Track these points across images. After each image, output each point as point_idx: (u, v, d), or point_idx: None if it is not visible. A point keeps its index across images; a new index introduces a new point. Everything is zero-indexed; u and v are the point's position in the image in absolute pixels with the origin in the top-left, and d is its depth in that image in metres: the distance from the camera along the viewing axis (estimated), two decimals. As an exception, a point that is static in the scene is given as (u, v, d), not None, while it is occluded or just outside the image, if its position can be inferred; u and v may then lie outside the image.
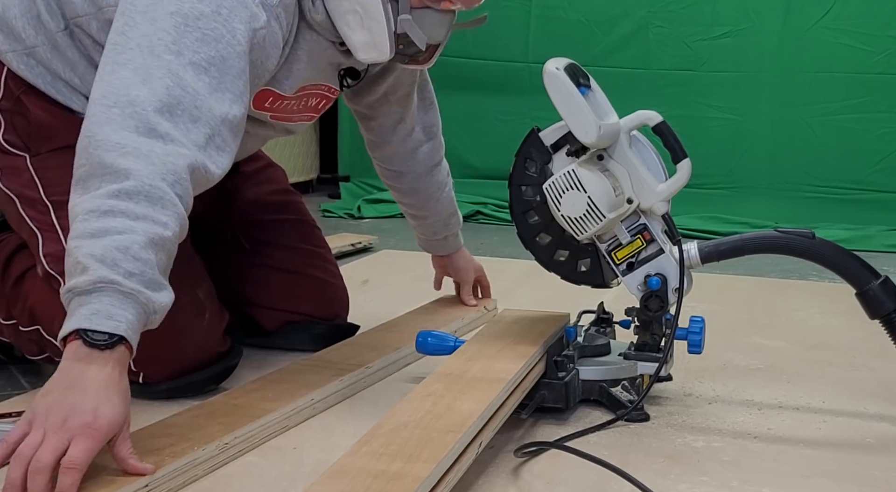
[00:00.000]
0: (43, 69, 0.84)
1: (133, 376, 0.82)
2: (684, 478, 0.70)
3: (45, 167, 0.83)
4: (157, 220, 0.64)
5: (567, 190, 0.81)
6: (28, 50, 0.83)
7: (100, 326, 0.59)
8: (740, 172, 2.20)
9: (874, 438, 0.80)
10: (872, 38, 2.08)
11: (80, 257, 0.61)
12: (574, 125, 0.81)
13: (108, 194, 0.63)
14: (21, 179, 0.83)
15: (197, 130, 0.69)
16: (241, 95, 0.73)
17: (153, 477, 0.61)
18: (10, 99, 0.84)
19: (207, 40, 0.70)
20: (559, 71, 0.80)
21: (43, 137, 0.83)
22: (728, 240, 0.85)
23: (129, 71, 0.68)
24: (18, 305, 0.89)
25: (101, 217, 0.62)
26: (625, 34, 2.23)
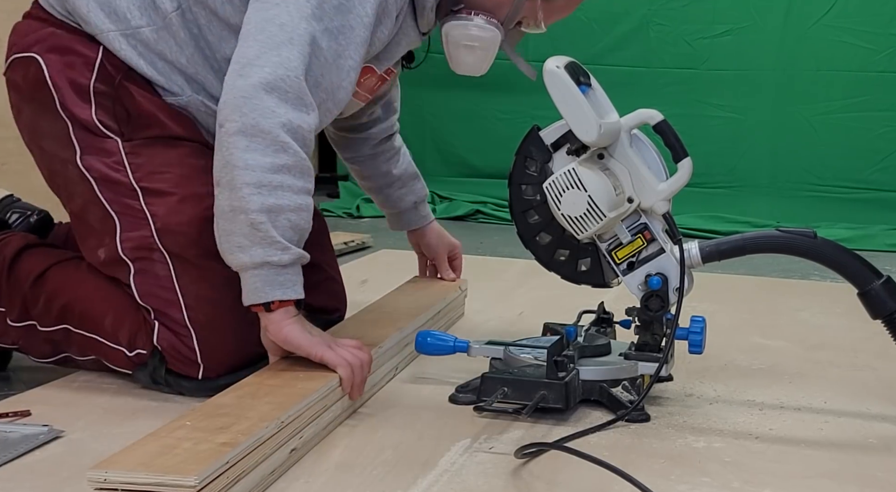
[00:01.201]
0: (145, 50, 0.84)
1: (192, 369, 0.83)
2: (685, 479, 0.69)
3: (138, 153, 0.84)
4: (307, 190, 0.78)
5: (567, 189, 0.81)
6: (132, 30, 0.83)
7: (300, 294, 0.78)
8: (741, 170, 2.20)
9: (876, 438, 0.79)
10: (874, 36, 2.07)
11: (274, 233, 0.76)
12: (574, 124, 0.80)
13: (273, 168, 0.75)
14: (108, 160, 0.83)
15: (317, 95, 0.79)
16: (358, 66, 0.81)
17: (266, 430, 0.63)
18: (108, 82, 0.84)
19: (342, 9, 0.78)
20: (559, 69, 0.80)
21: (140, 124, 0.85)
22: (729, 239, 0.84)
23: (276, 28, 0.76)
24: (40, 304, 0.88)
25: (273, 192, 0.75)
26: (625, 32, 2.22)
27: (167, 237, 0.83)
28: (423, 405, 0.85)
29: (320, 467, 0.70)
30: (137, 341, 0.84)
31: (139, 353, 0.84)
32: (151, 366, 0.84)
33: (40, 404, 0.82)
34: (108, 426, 0.78)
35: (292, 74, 0.75)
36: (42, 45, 0.85)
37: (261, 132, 0.74)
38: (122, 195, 0.84)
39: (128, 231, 0.84)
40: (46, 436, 0.74)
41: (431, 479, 0.68)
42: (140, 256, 0.83)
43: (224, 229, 0.77)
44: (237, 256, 0.77)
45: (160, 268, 0.83)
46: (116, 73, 0.84)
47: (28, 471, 0.69)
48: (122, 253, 0.83)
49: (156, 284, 0.83)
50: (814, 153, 2.14)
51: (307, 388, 0.74)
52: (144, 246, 0.83)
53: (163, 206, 0.83)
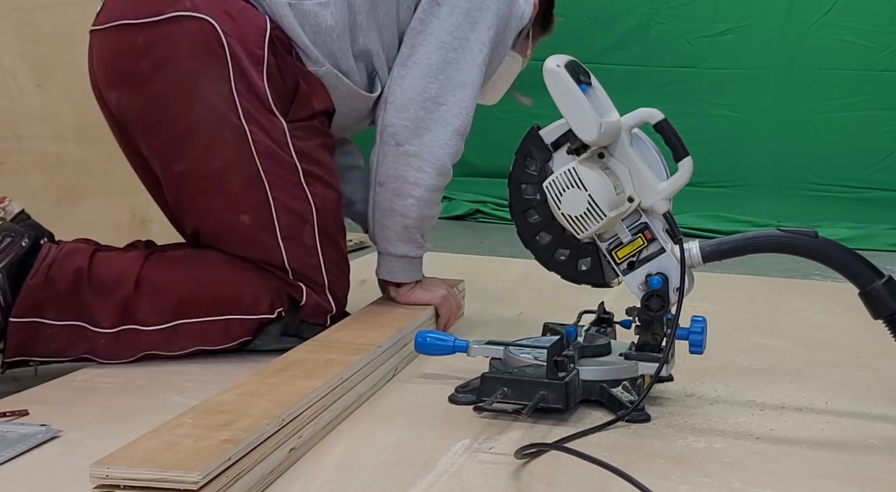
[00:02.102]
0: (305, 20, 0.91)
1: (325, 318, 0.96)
2: (686, 479, 0.69)
3: (297, 136, 0.92)
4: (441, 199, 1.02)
5: (567, 188, 0.81)
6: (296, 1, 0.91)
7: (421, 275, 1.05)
8: (742, 170, 2.19)
9: (877, 439, 0.79)
10: (875, 34, 2.07)
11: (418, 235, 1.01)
12: (574, 123, 0.80)
13: (436, 188, 0.99)
14: (273, 138, 0.90)
15: None
16: None
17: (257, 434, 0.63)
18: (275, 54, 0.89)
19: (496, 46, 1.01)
20: (560, 68, 0.80)
21: (300, 103, 0.93)
22: (730, 239, 0.84)
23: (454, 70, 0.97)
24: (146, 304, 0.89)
25: (429, 205, 0.99)
26: (626, 31, 2.22)
27: (323, 217, 0.94)
28: (423, 405, 0.85)
29: (319, 467, 0.70)
30: (277, 304, 0.93)
31: (279, 312, 0.93)
32: (288, 319, 0.94)
33: (38, 403, 0.81)
34: (107, 426, 0.78)
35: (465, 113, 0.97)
36: (213, 8, 0.87)
37: (435, 159, 0.96)
38: (283, 169, 0.90)
39: (285, 201, 0.91)
40: (44, 435, 0.74)
41: (431, 479, 0.68)
42: (294, 225, 0.92)
43: (379, 222, 0.99)
44: (383, 244, 1.00)
45: (308, 238, 0.93)
46: (283, 46, 0.90)
47: (26, 471, 0.68)
48: (276, 220, 0.91)
49: (303, 250, 0.93)
50: (815, 152, 2.14)
51: (307, 386, 0.74)
52: (300, 218, 0.92)
53: (320, 188, 0.94)
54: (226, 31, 0.87)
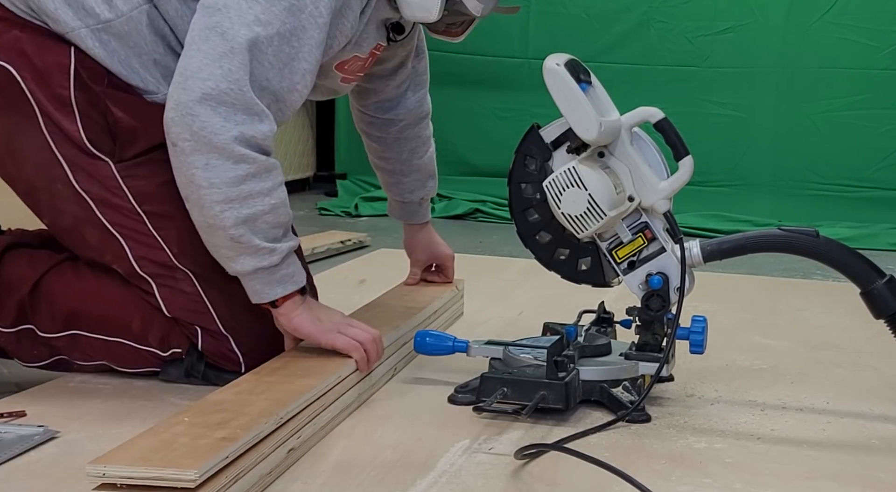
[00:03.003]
0: (118, 46, 0.80)
1: (235, 366, 0.85)
2: (686, 480, 0.69)
3: (133, 176, 0.81)
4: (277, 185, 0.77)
5: (567, 187, 0.80)
6: (102, 25, 0.79)
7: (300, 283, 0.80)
8: (743, 169, 2.19)
9: (879, 439, 0.79)
10: (877, 33, 2.06)
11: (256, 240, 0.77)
12: (574, 122, 0.80)
13: (237, 180, 0.75)
14: (104, 184, 0.81)
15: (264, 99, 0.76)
16: (314, 68, 0.79)
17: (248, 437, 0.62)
18: (86, 90, 0.79)
19: (293, 10, 0.75)
20: (559, 67, 0.79)
21: (126, 139, 0.81)
22: (730, 238, 0.84)
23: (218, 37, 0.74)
24: (41, 310, 0.85)
25: (244, 202, 0.75)
26: (626, 30, 2.22)
27: (186, 259, 0.83)
28: (422, 406, 0.84)
29: (319, 467, 0.70)
30: (171, 342, 0.85)
31: (174, 352, 0.85)
32: (188, 363, 0.86)
33: (36, 404, 0.81)
34: (104, 427, 0.77)
35: (235, 87, 0.73)
36: (8, 51, 0.79)
37: (215, 149, 0.73)
38: (125, 219, 0.81)
39: (141, 253, 0.82)
40: (42, 437, 0.73)
41: (430, 480, 0.68)
42: (161, 273, 0.83)
43: (209, 242, 0.79)
44: (229, 266, 0.79)
45: (185, 285, 0.83)
46: (92, 79, 0.80)
47: (23, 472, 0.68)
48: (140, 272, 0.83)
49: (184, 299, 0.83)
50: (816, 151, 2.13)
51: (305, 385, 0.73)
52: (165, 266, 0.83)
53: (174, 229, 0.82)
54: (21, 74, 0.77)
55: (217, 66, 0.73)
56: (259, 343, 0.85)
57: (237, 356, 0.85)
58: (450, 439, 0.76)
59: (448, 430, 0.78)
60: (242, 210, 0.75)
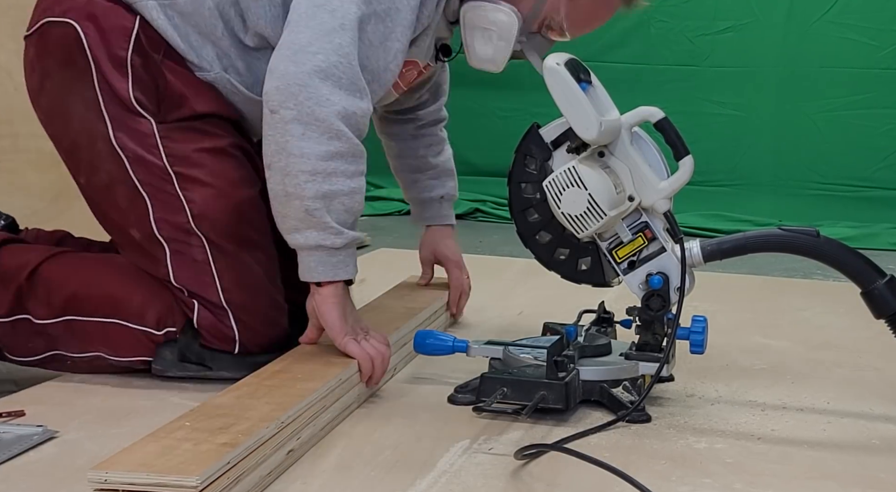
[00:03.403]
0: (181, 21, 0.84)
1: (229, 345, 0.85)
2: (687, 480, 0.69)
3: (171, 137, 0.84)
4: (360, 173, 0.80)
5: (567, 187, 0.80)
6: (169, 0, 0.83)
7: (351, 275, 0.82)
8: (743, 168, 2.18)
9: (879, 439, 0.79)
10: (878, 32, 2.06)
11: (328, 218, 0.78)
12: (575, 121, 0.80)
13: (328, 156, 0.77)
14: (142, 141, 0.83)
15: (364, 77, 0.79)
16: (404, 48, 0.82)
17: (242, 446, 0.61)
18: (144, 55, 0.83)
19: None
20: (559, 66, 0.79)
21: (173, 104, 0.84)
22: (731, 238, 0.84)
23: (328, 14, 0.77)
24: (39, 295, 0.86)
25: (328, 178, 0.77)
26: (626, 29, 2.21)
27: (205, 224, 0.84)
28: (422, 406, 0.84)
29: (318, 468, 0.70)
30: (167, 320, 0.85)
31: (169, 331, 0.85)
32: (183, 342, 0.85)
33: (35, 404, 0.81)
34: (104, 427, 0.77)
35: (345, 61, 0.77)
36: (78, 11, 0.83)
37: (316, 120, 0.76)
38: (155, 177, 0.83)
39: (162, 213, 0.84)
40: (41, 436, 0.73)
41: (430, 480, 0.68)
42: (177, 238, 0.84)
43: (279, 212, 0.80)
44: (293, 236, 0.80)
45: (197, 252, 0.84)
46: (151, 46, 0.83)
47: (22, 472, 0.68)
48: (157, 234, 0.84)
49: (193, 266, 0.84)
50: (817, 151, 2.13)
51: (306, 389, 0.73)
52: (181, 229, 0.84)
53: (199, 194, 0.84)
54: (87, 33, 0.82)
55: (327, 41, 0.76)
56: (257, 323, 0.85)
57: (233, 333, 0.85)
58: (450, 439, 0.75)
59: (448, 430, 0.78)
60: (324, 185, 0.77)
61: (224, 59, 0.86)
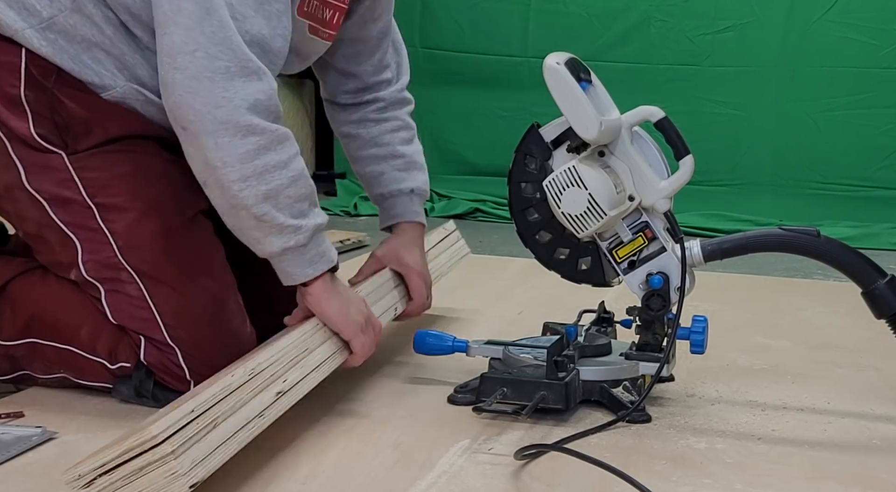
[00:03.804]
0: (67, 42, 0.77)
1: (182, 385, 0.79)
2: (687, 480, 0.69)
3: (87, 167, 0.78)
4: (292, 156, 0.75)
5: (567, 187, 0.80)
6: (46, 22, 0.76)
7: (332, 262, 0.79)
8: (744, 168, 2.18)
9: (880, 439, 0.78)
10: (879, 32, 2.05)
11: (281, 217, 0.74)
12: (575, 121, 0.79)
13: (250, 156, 0.72)
14: (56, 177, 0.78)
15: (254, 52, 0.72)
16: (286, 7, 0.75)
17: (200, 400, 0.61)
18: (38, 88, 0.77)
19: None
20: (559, 65, 0.79)
21: (80, 132, 0.78)
22: (731, 238, 0.83)
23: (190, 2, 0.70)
24: (5, 315, 0.83)
25: (261, 177, 0.73)
26: (626, 28, 2.21)
27: (132, 255, 0.78)
28: (422, 406, 0.84)
29: (318, 468, 0.70)
30: (119, 354, 0.81)
31: (122, 366, 0.81)
32: (137, 379, 0.80)
33: (34, 405, 0.81)
34: (103, 428, 0.77)
35: (225, 47, 0.70)
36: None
37: (222, 124, 0.70)
38: (77, 215, 0.78)
39: (89, 253, 0.78)
40: (40, 437, 0.73)
41: (430, 480, 0.68)
42: (107, 276, 0.78)
43: (234, 226, 0.76)
44: (258, 248, 0.77)
45: (131, 288, 0.79)
46: (43, 76, 0.77)
47: (21, 473, 0.68)
48: (86, 275, 0.79)
49: (129, 304, 0.79)
50: (817, 151, 2.13)
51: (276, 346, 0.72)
52: (109, 266, 0.78)
53: (122, 222, 0.78)
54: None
55: (200, 33, 0.70)
56: (211, 357, 0.77)
57: (183, 372, 0.78)
58: (449, 439, 0.75)
59: (448, 430, 0.77)
60: (261, 186, 0.72)
61: (125, 71, 0.78)
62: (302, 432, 0.77)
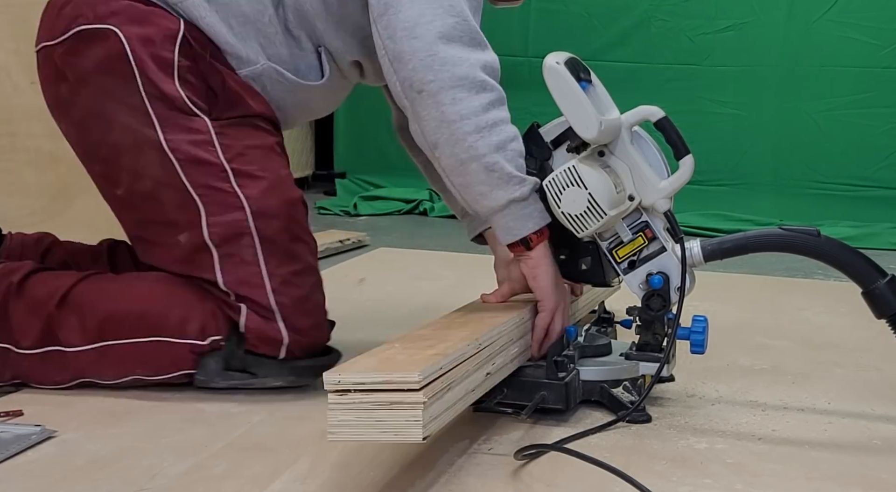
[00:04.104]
0: (226, 12, 0.83)
1: (275, 349, 0.83)
2: (687, 481, 0.69)
3: (226, 134, 0.83)
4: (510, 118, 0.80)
5: (567, 186, 0.80)
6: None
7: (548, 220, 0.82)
8: (744, 168, 2.18)
9: (881, 440, 0.78)
10: (879, 31, 2.05)
11: (509, 168, 0.79)
12: (574, 121, 0.79)
13: (484, 108, 0.78)
14: (196, 141, 0.81)
15: None
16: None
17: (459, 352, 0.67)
18: (191, 57, 0.82)
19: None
20: (559, 65, 0.79)
21: (227, 103, 0.83)
22: (731, 238, 0.83)
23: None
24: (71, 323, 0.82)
25: (493, 130, 0.79)
26: (626, 28, 2.21)
27: (261, 220, 0.82)
28: (422, 406, 0.84)
29: (318, 468, 0.70)
30: (209, 329, 0.83)
31: (213, 340, 0.83)
32: (228, 349, 0.83)
33: (33, 403, 0.81)
34: (102, 427, 0.77)
35: (460, 18, 0.78)
36: (119, 16, 0.81)
37: (460, 80, 0.77)
38: (211, 177, 0.82)
39: (216, 215, 0.82)
40: (39, 436, 0.73)
41: (429, 480, 0.67)
42: (228, 240, 0.82)
43: (459, 184, 0.80)
44: (482, 205, 0.80)
45: (247, 252, 0.82)
46: (200, 46, 0.82)
47: (20, 472, 0.68)
48: (207, 238, 0.82)
49: (242, 268, 0.82)
50: (818, 150, 2.13)
51: (496, 320, 0.77)
52: (235, 230, 0.82)
53: (256, 188, 0.82)
54: (129, 37, 0.80)
55: (437, 6, 0.77)
56: (305, 325, 0.83)
57: (281, 335, 0.82)
58: (449, 439, 0.75)
59: (447, 430, 0.77)
60: (492, 137, 0.78)
61: (269, 48, 0.85)
62: (302, 432, 0.77)
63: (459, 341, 0.69)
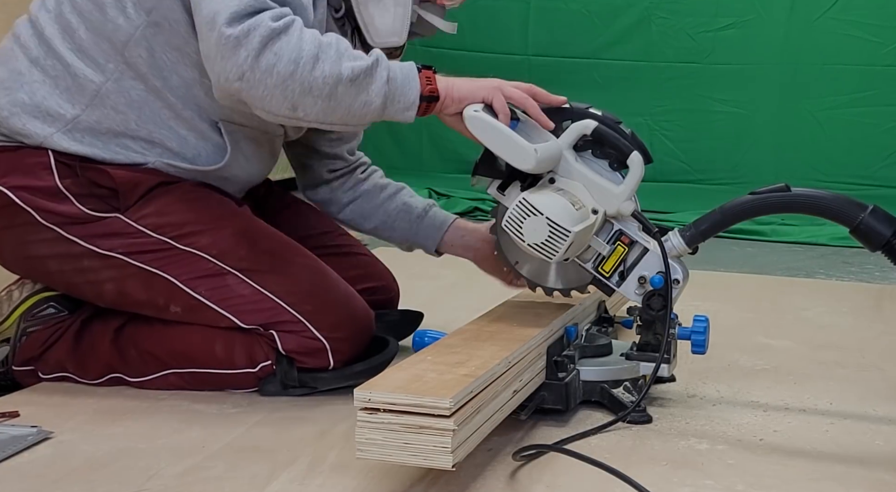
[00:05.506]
0: (93, 137, 0.82)
1: (323, 358, 0.83)
2: (688, 482, 0.68)
3: (144, 215, 0.82)
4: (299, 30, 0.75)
5: (524, 218, 0.78)
6: (70, 123, 0.81)
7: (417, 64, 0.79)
8: (745, 166, 2.17)
9: (883, 440, 0.78)
10: (881, 29, 2.04)
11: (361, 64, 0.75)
12: (511, 157, 0.78)
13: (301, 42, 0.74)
14: (123, 235, 0.82)
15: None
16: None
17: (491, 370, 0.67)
18: (70, 177, 0.81)
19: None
20: (479, 112, 0.78)
21: (125, 191, 0.82)
22: (706, 217, 0.82)
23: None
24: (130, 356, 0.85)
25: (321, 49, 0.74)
26: (627, 26, 2.20)
27: (229, 259, 0.83)
28: (421, 406, 0.84)
29: (318, 468, 0.69)
30: (257, 356, 0.84)
31: (263, 366, 0.84)
32: (281, 372, 0.84)
33: (29, 405, 0.81)
34: (98, 427, 0.77)
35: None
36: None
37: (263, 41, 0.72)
38: (156, 252, 0.82)
39: (188, 274, 0.82)
40: (35, 437, 0.73)
41: (429, 480, 0.67)
42: (215, 286, 0.83)
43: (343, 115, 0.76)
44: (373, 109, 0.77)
45: (241, 287, 0.83)
46: (71, 162, 0.81)
47: (16, 473, 0.67)
48: (195, 294, 0.82)
49: (249, 303, 0.83)
50: (819, 149, 2.12)
51: (524, 334, 0.76)
52: (214, 275, 0.83)
53: (202, 238, 0.83)
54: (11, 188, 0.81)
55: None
56: (338, 319, 0.83)
57: (322, 342, 0.83)
58: (448, 440, 0.75)
59: (446, 431, 0.77)
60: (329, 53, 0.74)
61: (154, 149, 0.82)
62: (300, 433, 0.76)
63: (490, 359, 0.69)
